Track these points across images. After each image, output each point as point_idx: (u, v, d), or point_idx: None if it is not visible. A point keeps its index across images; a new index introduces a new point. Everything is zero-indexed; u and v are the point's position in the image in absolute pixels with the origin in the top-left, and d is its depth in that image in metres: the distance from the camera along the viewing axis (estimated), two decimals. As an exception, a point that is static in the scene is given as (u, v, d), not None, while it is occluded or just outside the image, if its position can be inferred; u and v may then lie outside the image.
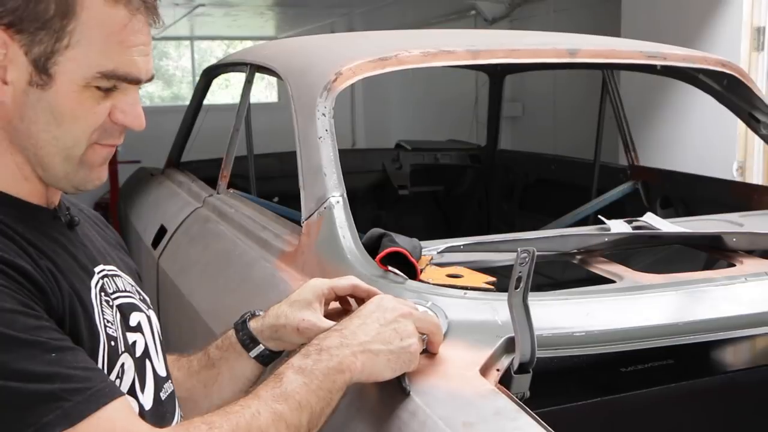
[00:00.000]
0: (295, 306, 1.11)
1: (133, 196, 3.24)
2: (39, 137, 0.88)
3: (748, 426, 1.47)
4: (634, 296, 1.26)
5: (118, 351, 0.92)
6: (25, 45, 0.85)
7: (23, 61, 0.86)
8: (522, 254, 0.96)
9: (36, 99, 0.87)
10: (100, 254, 1.02)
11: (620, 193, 2.72)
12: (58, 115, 0.87)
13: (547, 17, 5.68)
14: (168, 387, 1.04)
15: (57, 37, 0.85)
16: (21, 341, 0.77)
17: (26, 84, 0.87)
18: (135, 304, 1.02)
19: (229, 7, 7.84)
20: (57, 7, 0.85)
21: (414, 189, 3.67)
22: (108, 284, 0.98)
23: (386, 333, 0.98)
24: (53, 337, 0.80)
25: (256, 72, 2.29)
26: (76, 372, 0.79)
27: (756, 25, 3.42)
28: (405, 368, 0.99)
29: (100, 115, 0.90)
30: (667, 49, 2.04)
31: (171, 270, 2.21)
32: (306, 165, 1.57)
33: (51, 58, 0.86)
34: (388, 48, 1.73)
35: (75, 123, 0.88)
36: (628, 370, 1.34)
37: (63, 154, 0.90)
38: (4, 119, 0.88)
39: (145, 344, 1.00)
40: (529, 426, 0.91)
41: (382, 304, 1.02)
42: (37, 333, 0.78)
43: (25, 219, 0.89)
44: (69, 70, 0.86)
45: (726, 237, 1.53)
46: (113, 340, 0.92)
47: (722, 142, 3.48)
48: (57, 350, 0.79)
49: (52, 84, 0.86)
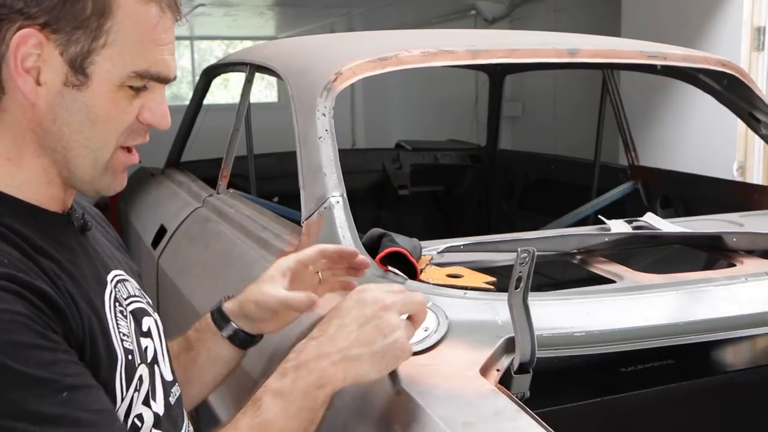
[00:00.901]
0: (259, 282, 1.13)
1: (133, 196, 3.23)
2: (71, 138, 0.87)
3: (748, 426, 1.47)
4: (635, 296, 1.26)
5: (135, 364, 0.91)
6: (61, 45, 0.84)
7: (59, 61, 0.84)
8: (522, 254, 0.96)
9: (71, 100, 0.86)
10: (110, 259, 1.01)
11: (620, 193, 2.72)
12: (93, 115, 0.87)
13: (547, 17, 5.68)
14: (176, 391, 1.03)
15: (94, 36, 0.84)
16: (34, 379, 0.74)
17: (61, 85, 0.85)
18: (144, 309, 1.01)
19: (229, 7, 7.84)
20: (94, 6, 0.84)
21: (414, 189, 3.66)
22: (121, 290, 0.97)
23: (367, 333, 0.93)
24: (68, 373, 0.78)
25: (255, 72, 2.29)
26: (84, 415, 0.77)
27: (756, 24, 3.42)
28: (393, 365, 0.95)
29: (131, 114, 0.89)
30: (668, 49, 2.03)
31: (171, 270, 2.21)
32: (306, 165, 1.57)
33: (88, 58, 0.85)
34: (388, 48, 1.73)
35: (108, 123, 0.88)
36: (628, 370, 1.33)
37: (92, 157, 0.89)
38: (34, 122, 0.86)
39: (154, 349, 0.99)
40: (529, 426, 0.91)
41: (361, 298, 0.96)
42: (51, 369, 0.76)
43: (45, 229, 0.87)
44: (105, 70, 0.85)
45: (726, 237, 1.53)
46: (130, 353, 0.90)
47: (722, 142, 3.48)
48: (69, 389, 0.77)
49: (89, 84, 0.85)
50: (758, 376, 1.46)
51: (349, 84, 1.62)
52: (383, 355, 0.93)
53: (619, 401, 1.32)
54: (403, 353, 0.95)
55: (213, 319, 1.17)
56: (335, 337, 0.93)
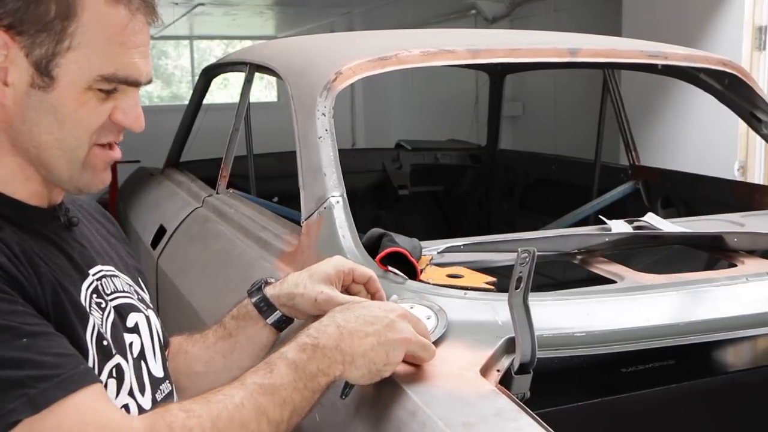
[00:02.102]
0: (315, 278, 1.11)
1: (132, 196, 3.23)
2: (41, 139, 0.88)
3: (749, 426, 1.47)
4: (635, 296, 1.26)
5: (111, 352, 0.92)
6: (26, 47, 0.85)
7: (24, 63, 0.85)
8: (522, 254, 0.96)
9: (38, 101, 0.87)
10: (98, 255, 1.01)
11: (621, 192, 2.72)
12: (61, 117, 0.87)
13: (548, 16, 5.67)
14: (165, 387, 1.03)
15: (58, 39, 0.85)
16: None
17: (28, 86, 0.86)
18: (133, 305, 1.02)
19: (229, 7, 7.84)
20: (58, 9, 0.84)
21: (414, 189, 3.66)
22: (106, 285, 0.97)
23: (378, 352, 0.95)
24: (27, 322, 0.79)
25: (255, 71, 2.29)
26: (47, 358, 0.78)
27: (757, 24, 3.42)
28: (368, 382, 0.98)
29: (101, 116, 0.89)
30: (669, 49, 2.03)
31: (170, 270, 2.21)
32: (306, 165, 1.57)
33: (52, 60, 0.85)
34: (388, 47, 1.72)
35: (77, 125, 0.88)
36: (628, 371, 1.33)
37: (66, 157, 0.89)
38: (5, 121, 0.88)
39: (141, 345, 0.99)
40: (529, 426, 0.90)
41: (393, 321, 0.97)
42: (10, 318, 0.78)
43: (18, 219, 0.88)
44: (71, 72, 0.86)
45: (727, 237, 1.52)
46: (104, 340, 0.91)
47: (723, 141, 3.47)
48: (29, 335, 0.78)
49: (55, 86, 0.86)
50: (759, 376, 1.46)
51: (349, 84, 1.62)
52: (372, 376, 0.96)
53: (620, 402, 1.32)
54: (379, 378, 0.98)
55: (255, 305, 1.15)
56: (355, 340, 0.94)
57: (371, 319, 0.96)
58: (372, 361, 0.95)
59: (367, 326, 0.96)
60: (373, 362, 0.95)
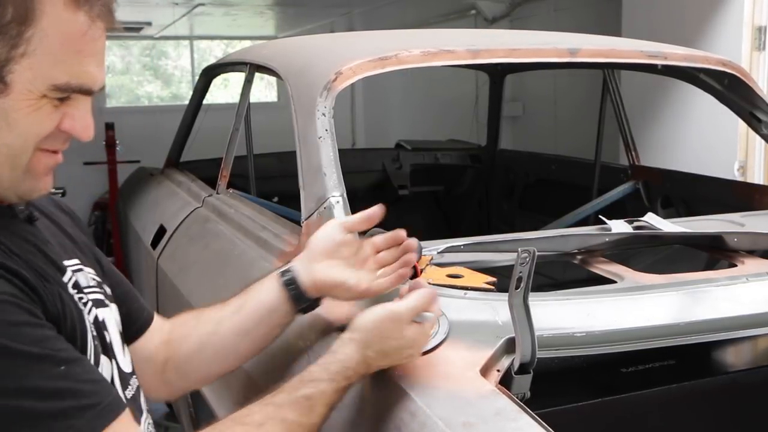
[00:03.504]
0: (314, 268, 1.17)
1: (132, 196, 3.23)
2: None
3: (749, 427, 1.47)
4: (635, 296, 1.26)
5: (99, 350, 0.92)
6: None
7: None
8: (522, 254, 0.96)
9: None
10: (63, 249, 0.99)
11: (621, 193, 2.72)
12: (11, 121, 0.84)
13: (548, 16, 5.67)
14: (134, 383, 1.02)
15: (13, 44, 0.82)
16: (32, 356, 0.77)
17: None
18: (101, 300, 1.01)
19: (229, 7, 7.83)
20: (15, 12, 0.81)
21: (414, 189, 3.66)
22: (80, 279, 0.96)
23: (391, 360, 1.02)
24: (60, 348, 0.80)
25: (255, 72, 2.29)
26: (85, 386, 0.80)
27: (757, 24, 3.41)
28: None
29: (52, 123, 0.87)
30: (668, 49, 2.03)
31: (170, 270, 2.21)
32: (306, 165, 1.56)
33: (6, 66, 0.82)
34: (388, 47, 1.72)
35: (26, 130, 0.85)
36: (629, 371, 1.33)
37: (10, 162, 0.86)
38: None
39: (110, 341, 0.99)
40: (529, 427, 0.90)
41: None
42: (46, 345, 0.78)
43: None
44: (25, 79, 0.83)
45: (727, 237, 1.52)
46: (95, 339, 0.92)
47: (723, 141, 3.47)
48: (65, 362, 0.79)
49: (8, 92, 0.83)
50: (759, 376, 1.46)
51: (349, 84, 1.62)
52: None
53: (620, 402, 1.32)
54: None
55: (294, 298, 1.16)
56: (378, 356, 1.01)
57: (396, 353, 1.01)
58: (382, 362, 1.02)
59: (391, 356, 1.01)
60: (380, 363, 1.03)
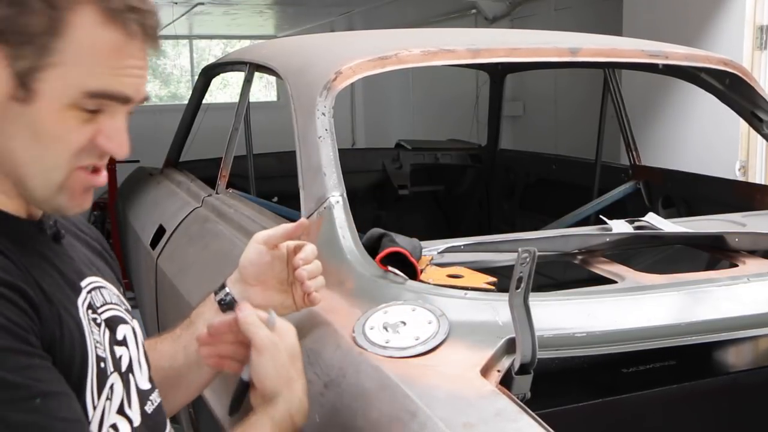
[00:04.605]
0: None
1: (131, 195, 3.23)
2: (18, 155, 0.85)
3: (750, 427, 1.47)
4: (636, 297, 1.26)
5: (107, 372, 0.90)
6: (9, 57, 0.82)
7: (6, 73, 0.82)
8: (523, 254, 0.96)
9: (16, 114, 0.83)
10: (85, 266, 0.98)
11: (622, 192, 2.72)
12: (38, 133, 0.84)
13: (548, 16, 5.67)
14: (154, 399, 1.01)
15: (41, 54, 0.82)
16: (9, 383, 0.75)
17: (7, 98, 0.83)
18: (121, 317, 0.99)
19: (228, 6, 7.84)
20: (46, 24, 0.81)
21: (414, 189, 3.66)
22: (95, 298, 0.95)
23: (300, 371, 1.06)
24: (42, 378, 0.78)
25: (255, 71, 2.28)
26: (56, 424, 0.78)
27: (759, 23, 3.41)
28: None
29: (82, 136, 0.86)
30: (669, 48, 2.03)
31: (170, 270, 2.20)
32: (306, 165, 1.56)
33: (35, 74, 0.82)
34: (388, 47, 1.72)
35: (55, 143, 0.85)
36: (629, 371, 1.33)
37: (43, 176, 0.86)
38: None
39: (129, 358, 0.98)
40: (529, 427, 0.90)
41: (287, 345, 1.05)
42: (27, 374, 0.77)
43: (11, 234, 0.86)
44: (53, 88, 0.83)
45: (728, 237, 1.52)
46: (102, 361, 0.90)
47: (724, 141, 3.47)
48: (42, 396, 0.77)
49: (35, 100, 0.82)
50: (761, 377, 1.46)
51: (349, 83, 1.62)
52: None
53: (621, 402, 1.32)
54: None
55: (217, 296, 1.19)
56: (296, 384, 1.05)
57: (293, 367, 1.05)
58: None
59: (296, 371, 1.05)
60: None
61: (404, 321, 1.14)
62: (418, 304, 1.16)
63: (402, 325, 1.14)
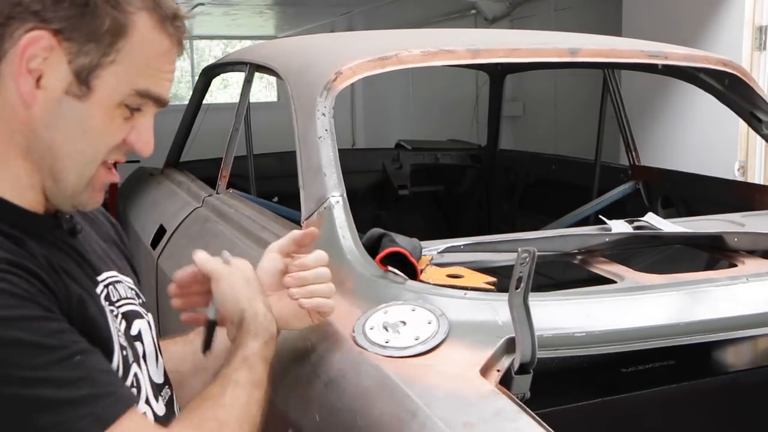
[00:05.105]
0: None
1: (132, 196, 3.23)
2: (60, 148, 0.87)
3: (749, 427, 1.47)
4: (635, 297, 1.26)
5: (129, 361, 0.93)
6: (71, 54, 0.85)
7: (65, 69, 0.85)
8: (522, 254, 0.96)
9: (69, 109, 0.86)
10: (102, 260, 1.01)
11: (621, 193, 2.72)
12: (87, 128, 0.87)
13: (548, 16, 5.67)
14: (165, 393, 1.03)
15: (104, 52, 0.86)
16: (48, 347, 0.78)
17: (62, 92, 0.86)
18: (137, 311, 1.02)
19: (229, 6, 7.84)
20: (111, 24, 0.85)
21: (414, 189, 3.66)
22: (112, 293, 0.97)
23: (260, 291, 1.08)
24: (75, 340, 0.82)
25: (255, 71, 2.29)
26: (101, 376, 0.82)
27: (758, 24, 3.42)
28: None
29: (122, 133, 0.90)
30: (669, 49, 2.03)
31: (170, 270, 2.20)
32: (306, 165, 1.56)
33: (94, 71, 0.86)
34: (388, 47, 1.72)
35: (99, 138, 0.88)
36: (629, 371, 1.33)
37: (78, 170, 0.89)
38: (25, 124, 0.86)
39: (144, 352, 1.00)
40: (529, 427, 0.91)
41: (243, 269, 1.10)
42: (61, 337, 0.80)
43: (32, 230, 0.87)
44: (109, 86, 0.87)
45: (727, 237, 1.52)
46: (125, 349, 0.93)
47: (724, 141, 3.47)
48: (81, 353, 0.81)
49: (90, 96, 0.86)
50: (759, 376, 1.46)
51: (349, 83, 1.62)
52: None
53: (620, 402, 1.32)
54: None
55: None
56: (259, 298, 1.07)
57: (254, 285, 1.08)
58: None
59: (256, 288, 1.07)
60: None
61: (404, 321, 1.15)
62: (418, 304, 1.17)
63: (402, 324, 1.14)
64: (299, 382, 1.18)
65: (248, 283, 1.07)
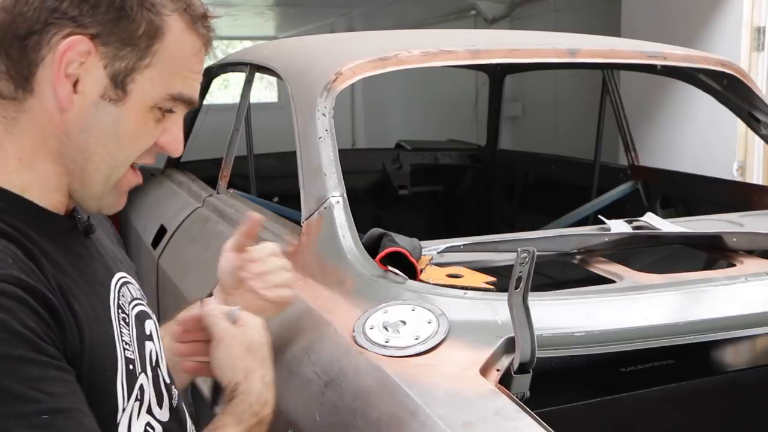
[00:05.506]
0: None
1: (132, 196, 3.21)
2: (93, 151, 0.87)
3: (748, 426, 1.47)
4: (635, 296, 1.26)
5: (135, 373, 0.91)
6: (107, 58, 0.85)
7: (101, 73, 0.85)
8: (522, 254, 0.96)
9: (105, 113, 0.86)
10: (113, 261, 1.00)
11: (620, 193, 2.72)
12: (121, 131, 0.87)
13: (548, 17, 5.67)
14: (174, 392, 1.03)
15: (140, 56, 0.86)
16: (16, 395, 0.72)
17: (98, 96, 0.86)
18: (146, 312, 1.01)
19: (229, 7, 7.83)
20: (147, 28, 0.86)
21: (414, 189, 3.66)
22: (125, 295, 0.96)
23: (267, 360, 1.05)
24: (53, 392, 0.75)
25: (256, 72, 2.29)
26: None
27: (756, 24, 3.42)
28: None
29: (155, 135, 0.90)
30: (668, 49, 2.03)
31: (171, 270, 2.21)
32: (306, 165, 1.57)
33: (130, 75, 0.86)
34: (388, 48, 1.73)
35: (132, 141, 0.89)
36: (628, 370, 1.33)
37: (107, 173, 0.89)
38: (60, 128, 0.86)
39: (156, 352, 0.99)
40: (529, 426, 0.91)
41: (255, 334, 1.06)
42: (37, 386, 0.74)
43: (50, 233, 0.86)
44: (144, 90, 0.87)
45: (726, 237, 1.53)
46: (131, 363, 0.90)
47: (722, 141, 3.48)
48: (50, 412, 0.74)
49: (126, 100, 0.86)
50: (758, 376, 1.46)
51: (349, 84, 1.62)
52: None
53: (619, 401, 1.32)
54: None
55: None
56: (263, 369, 1.05)
57: (260, 354, 1.05)
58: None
59: (262, 359, 1.05)
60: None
61: (404, 320, 1.15)
62: (418, 304, 1.17)
63: (402, 324, 1.14)
64: (299, 382, 1.18)
65: (249, 352, 1.04)
